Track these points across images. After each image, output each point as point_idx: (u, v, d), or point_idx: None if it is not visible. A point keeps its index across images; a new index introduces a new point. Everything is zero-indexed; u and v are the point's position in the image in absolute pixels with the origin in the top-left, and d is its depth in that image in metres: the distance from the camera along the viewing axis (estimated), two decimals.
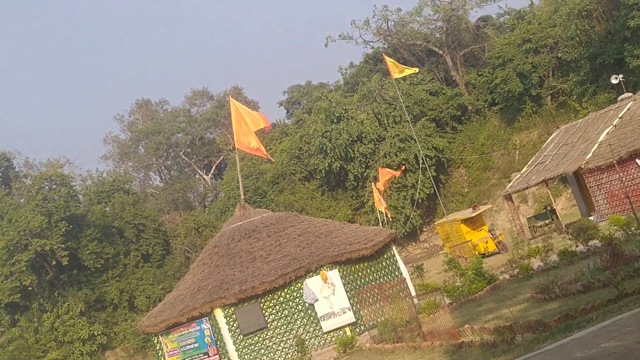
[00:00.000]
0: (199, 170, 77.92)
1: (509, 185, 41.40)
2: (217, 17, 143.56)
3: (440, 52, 59.92)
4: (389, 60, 38.40)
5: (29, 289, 53.02)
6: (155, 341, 26.75)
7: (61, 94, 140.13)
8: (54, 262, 53.78)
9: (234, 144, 31.58)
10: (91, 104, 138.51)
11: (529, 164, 40.60)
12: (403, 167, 48.25)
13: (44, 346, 52.75)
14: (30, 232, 51.56)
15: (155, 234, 60.30)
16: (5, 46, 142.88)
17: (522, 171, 40.54)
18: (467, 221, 38.34)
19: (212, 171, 77.00)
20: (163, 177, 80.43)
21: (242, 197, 30.32)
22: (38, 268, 54.28)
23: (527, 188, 40.58)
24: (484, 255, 35.16)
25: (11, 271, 51.74)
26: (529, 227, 39.52)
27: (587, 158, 34.51)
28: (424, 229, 54.54)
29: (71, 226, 54.61)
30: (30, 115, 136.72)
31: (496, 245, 37.39)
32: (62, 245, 52.84)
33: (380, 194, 38.89)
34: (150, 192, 76.01)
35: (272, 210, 33.42)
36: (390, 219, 46.46)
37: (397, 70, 38.36)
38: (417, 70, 45.58)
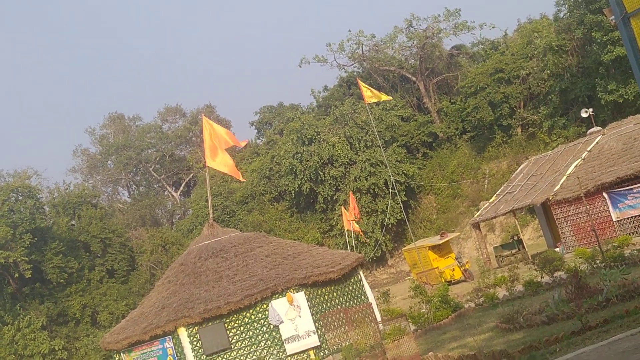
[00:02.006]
0: (168, 187, 77.51)
1: (477, 213, 41.62)
2: (193, 33, 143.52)
3: (414, 78, 60.35)
4: (362, 85, 38.56)
5: None
6: (117, 358, 26.44)
7: (32, 103, 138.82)
8: (16, 275, 53.07)
9: (205, 161, 31.49)
10: (62, 115, 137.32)
11: (497, 193, 40.86)
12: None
13: (3, 359, 51.92)
14: None
15: (121, 249, 59.76)
16: None
17: (491, 200, 40.78)
18: (434, 248, 38.43)
19: (181, 188, 76.64)
20: (131, 192, 79.88)
21: (211, 215, 30.22)
22: (0, 280, 53.55)
23: (494, 217, 40.81)
24: (450, 283, 35.23)
25: None
26: (496, 256, 39.70)
27: (555, 190, 34.81)
28: (392, 254, 54.61)
29: (36, 239, 53.99)
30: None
31: (462, 273, 37.48)
32: (26, 258, 52.21)
33: (355, 218, 38.73)
34: (118, 207, 75.42)
35: (240, 230, 33.39)
36: (365, 239, 46.36)
37: (371, 95, 38.49)
38: (391, 98, 45.76)
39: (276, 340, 23.77)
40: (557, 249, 33.49)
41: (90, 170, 78.27)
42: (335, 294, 25.69)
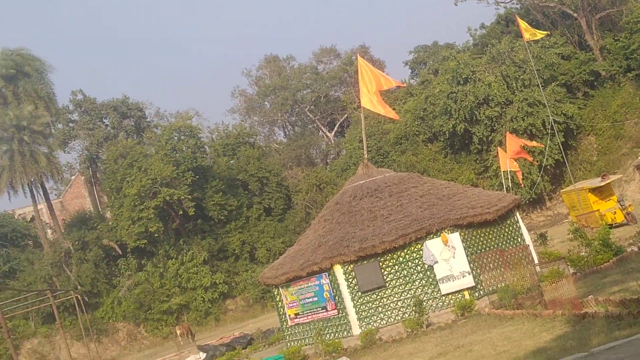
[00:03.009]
0: (322, 128, 78.41)
1: None
2: None
3: (575, 15, 57.73)
4: (521, 22, 37.32)
5: (155, 235, 55.05)
6: (275, 292, 27.36)
7: (192, 48, 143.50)
8: (180, 211, 55.55)
9: (359, 102, 31.59)
10: (221, 58, 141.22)
11: None
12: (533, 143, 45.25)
13: (168, 291, 54.81)
14: (160, 180, 53.36)
15: (277, 188, 61.26)
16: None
17: None
18: (595, 190, 37.18)
19: (335, 129, 77.35)
20: (287, 132, 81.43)
21: (365, 155, 30.34)
22: (164, 216, 56.21)
23: None
24: (611, 226, 34.05)
25: (139, 216, 53.79)
26: None
27: None
28: (550, 196, 53.21)
29: (197, 177, 56.21)
30: (162, 67, 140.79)
31: (625, 216, 36.12)
32: (189, 196, 54.48)
33: (515, 157, 37.71)
34: (274, 147, 77.10)
35: (394, 171, 33.32)
36: (521, 182, 45.28)
37: (529, 33, 37.29)
38: (548, 33, 43.95)
39: (430, 280, 23.84)
40: None
41: (248, 111, 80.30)
42: (490, 236, 25.39)
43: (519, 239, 26.52)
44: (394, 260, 24.20)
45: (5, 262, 57.66)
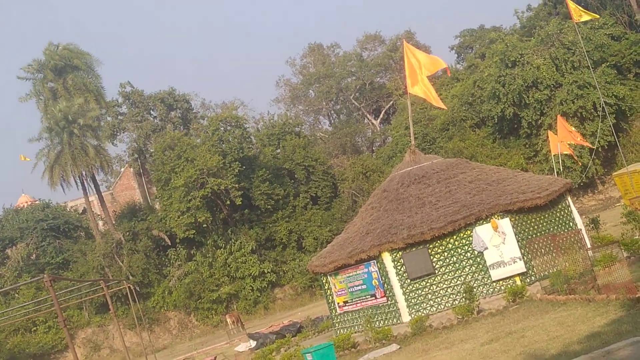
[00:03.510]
0: (367, 115, 78.16)
1: None
2: None
3: None
4: (570, 3, 36.64)
5: (204, 225, 55.46)
6: (324, 281, 27.32)
7: (237, 40, 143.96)
8: (227, 201, 55.85)
9: (405, 88, 31.31)
10: (266, 48, 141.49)
11: None
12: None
13: (217, 280, 55.21)
14: (207, 171, 53.70)
15: (324, 176, 61.23)
16: None
17: None
18: None
19: (380, 116, 77.04)
20: (332, 121, 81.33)
21: (413, 142, 30.07)
22: (212, 206, 56.57)
23: None
24: None
25: (188, 207, 54.24)
26: None
27: None
28: (602, 180, 52.33)
29: (244, 167, 56.45)
30: (208, 59, 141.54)
31: None
32: (236, 185, 54.74)
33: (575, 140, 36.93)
34: (320, 136, 77.08)
35: (441, 157, 33.01)
36: (577, 160, 44.41)
37: (578, 14, 36.58)
38: (598, 16, 43.16)
39: (481, 266, 23.57)
40: None
41: (293, 100, 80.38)
42: (541, 221, 25.00)
43: (571, 224, 26.09)
44: (443, 247, 23.98)
45: (58, 254, 58.66)
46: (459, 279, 23.70)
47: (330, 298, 27.11)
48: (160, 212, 59.16)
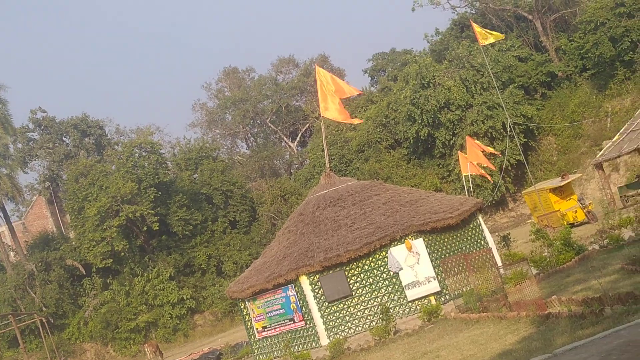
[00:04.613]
0: (285, 138, 78.37)
1: (600, 153, 40.30)
2: None
3: (530, 17, 58.46)
4: (475, 26, 37.68)
5: (121, 254, 54.59)
6: (242, 306, 27.24)
7: (150, 65, 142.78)
8: (144, 228, 55.13)
9: (320, 111, 31.60)
10: (180, 73, 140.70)
11: (621, 131, 39.39)
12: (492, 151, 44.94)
13: (135, 309, 54.33)
14: (121, 198, 52.93)
15: (242, 200, 61.06)
16: (96, 16, 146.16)
17: (614, 139, 39.36)
18: (555, 190, 37.59)
19: (298, 139, 77.35)
20: (250, 144, 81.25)
21: (327, 165, 30.36)
22: (128, 234, 55.76)
23: (619, 156, 39.46)
24: (572, 225, 34.48)
25: (103, 236, 53.28)
26: (621, 197, 38.49)
27: None
28: (513, 197, 53.70)
29: (160, 193, 55.83)
30: (122, 83, 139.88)
31: (585, 215, 36.56)
32: (152, 212, 54.10)
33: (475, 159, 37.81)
34: (237, 160, 76.87)
35: (357, 179, 33.40)
36: (489, 178, 45.38)
37: (483, 37, 37.63)
38: (503, 36, 44.45)
39: (396, 287, 23.89)
40: None
41: (209, 124, 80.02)
42: (454, 240, 25.54)
43: (482, 242, 26.71)
44: (360, 269, 24.22)
45: None
46: (376, 300, 23.96)
47: (249, 324, 27.03)
48: (75, 241, 57.98)
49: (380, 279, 24.06)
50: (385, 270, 24.00)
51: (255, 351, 27.04)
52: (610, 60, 50.84)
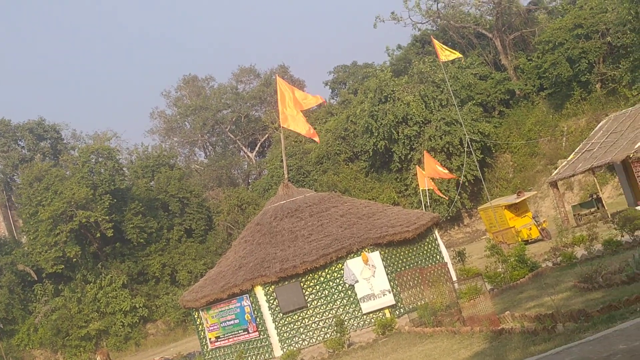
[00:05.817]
0: (243, 148, 78.23)
1: (555, 172, 40.88)
2: None
3: (490, 35, 59.21)
4: (436, 43, 38.04)
5: (73, 260, 53.88)
6: (195, 316, 27.00)
7: (110, 68, 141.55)
8: (98, 234, 54.50)
9: (279, 122, 31.58)
10: (139, 79, 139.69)
11: (576, 151, 40.02)
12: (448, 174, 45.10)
13: (86, 316, 53.63)
14: (76, 203, 52.27)
15: (198, 209, 60.72)
16: (54, 20, 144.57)
17: (569, 158, 39.97)
18: (511, 207, 37.98)
19: (256, 149, 77.26)
20: (208, 153, 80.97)
21: (286, 176, 30.32)
22: (82, 240, 55.08)
23: (573, 175, 40.05)
24: (526, 242, 34.85)
25: (55, 241, 52.57)
26: (574, 215, 39.02)
27: (636, 147, 33.89)
28: (469, 213, 54.17)
29: (115, 199, 55.26)
30: (80, 89, 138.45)
31: (540, 232, 36.99)
32: (107, 218, 53.50)
33: (432, 174, 38.16)
34: (195, 168, 76.56)
35: (315, 190, 33.44)
36: (444, 196, 45.77)
37: (444, 54, 38.03)
38: (461, 55, 44.97)
39: (352, 299, 23.87)
40: (638, 208, 32.66)
41: (168, 132, 79.60)
42: (410, 254, 25.61)
43: (438, 257, 26.83)
44: (315, 281, 24.17)
45: None
46: (331, 312, 23.91)
47: (202, 333, 26.79)
48: (27, 246, 57.10)
49: (336, 291, 24.02)
50: (341, 282, 23.98)
51: None
52: (567, 80, 51.66)
